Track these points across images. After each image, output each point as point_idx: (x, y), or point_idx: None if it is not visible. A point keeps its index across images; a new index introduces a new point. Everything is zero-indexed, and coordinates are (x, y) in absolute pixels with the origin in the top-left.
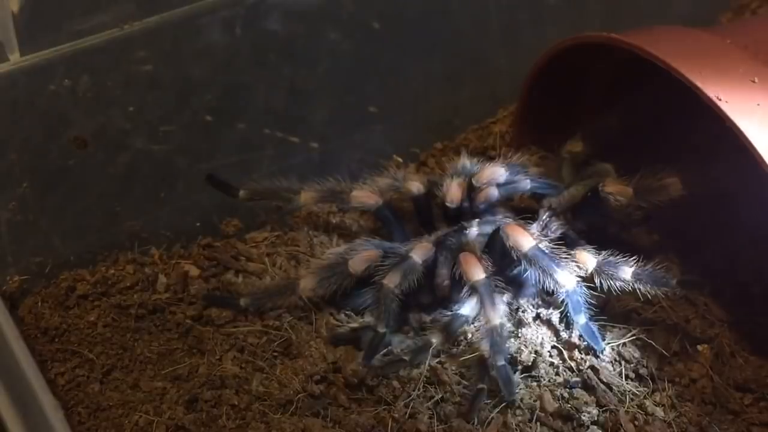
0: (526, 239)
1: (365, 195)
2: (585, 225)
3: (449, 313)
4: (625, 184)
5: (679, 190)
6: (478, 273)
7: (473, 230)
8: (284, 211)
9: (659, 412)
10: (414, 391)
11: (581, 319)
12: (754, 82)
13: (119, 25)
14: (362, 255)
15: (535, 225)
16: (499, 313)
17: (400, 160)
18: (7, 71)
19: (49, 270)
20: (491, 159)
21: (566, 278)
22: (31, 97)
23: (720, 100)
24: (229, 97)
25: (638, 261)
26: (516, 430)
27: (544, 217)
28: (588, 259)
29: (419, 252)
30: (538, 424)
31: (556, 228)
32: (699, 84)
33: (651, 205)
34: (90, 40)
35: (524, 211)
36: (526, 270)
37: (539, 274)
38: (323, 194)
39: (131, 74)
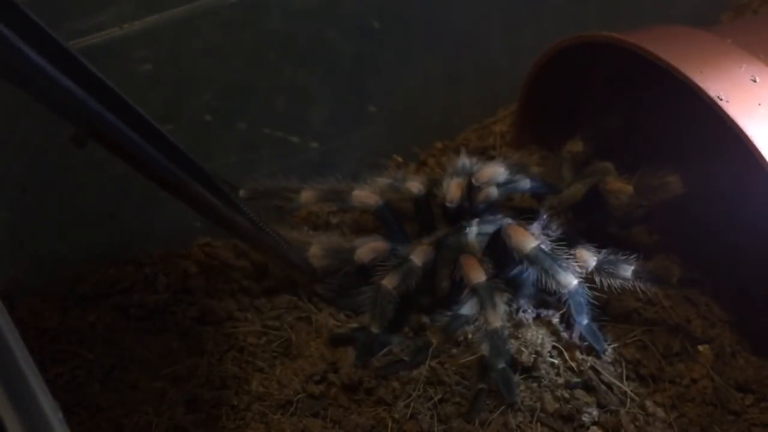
0: (528, 240)
1: (366, 195)
2: (585, 224)
3: (449, 313)
4: (625, 182)
5: (679, 189)
6: (478, 275)
7: (473, 230)
8: (284, 211)
9: (660, 412)
10: (414, 391)
11: (584, 319)
12: (754, 81)
13: (119, 25)
14: (371, 245)
15: (535, 224)
16: (499, 316)
17: (400, 160)
18: None
19: (48, 270)
20: (491, 159)
21: (569, 279)
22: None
23: (721, 99)
24: (229, 97)
25: (639, 259)
26: (517, 430)
27: (544, 217)
28: (588, 257)
29: (419, 255)
30: (539, 424)
31: (556, 227)
32: (700, 83)
33: (651, 204)
34: (89, 40)
35: (524, 210)
36: (526, 270)
37: (541, 274)
38: (324, 194)
39: (131, 74)
